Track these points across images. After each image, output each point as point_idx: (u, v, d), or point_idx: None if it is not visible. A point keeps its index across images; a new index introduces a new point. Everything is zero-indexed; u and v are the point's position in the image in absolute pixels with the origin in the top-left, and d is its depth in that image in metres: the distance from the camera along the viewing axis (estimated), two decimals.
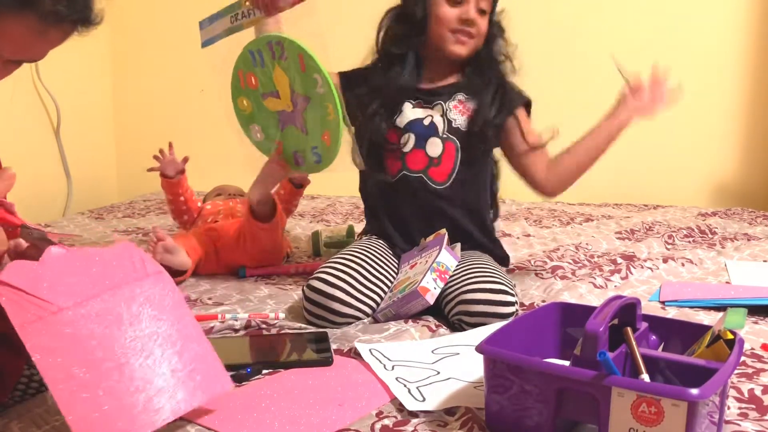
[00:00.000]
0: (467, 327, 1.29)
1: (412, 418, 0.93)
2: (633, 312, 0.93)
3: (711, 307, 1.41)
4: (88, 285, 0.82)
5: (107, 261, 0.85)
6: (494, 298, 1.29)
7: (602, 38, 2.70)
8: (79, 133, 2.87)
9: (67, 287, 0.80)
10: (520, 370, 0.85)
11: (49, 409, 0.94)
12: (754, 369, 1.09)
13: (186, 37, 3.07)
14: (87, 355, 0.77)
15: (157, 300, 0.86)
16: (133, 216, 2.48)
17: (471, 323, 1.29)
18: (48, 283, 0.78)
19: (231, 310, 1.37)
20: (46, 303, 0.77)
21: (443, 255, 1.35)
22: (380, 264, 1.44)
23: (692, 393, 0.74)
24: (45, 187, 2.67)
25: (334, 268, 1.36)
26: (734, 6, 2.71)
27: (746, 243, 1.98)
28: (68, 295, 0.79)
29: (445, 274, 1.33)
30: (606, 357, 0.78)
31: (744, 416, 0.94)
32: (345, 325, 1.31)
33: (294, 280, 1.65)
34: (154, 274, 0.88)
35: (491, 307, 1.28)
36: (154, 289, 0.87)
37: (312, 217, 2.41)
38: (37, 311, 0.76)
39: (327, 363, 1.11)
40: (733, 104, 2.77)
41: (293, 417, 0.93)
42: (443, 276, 1.33)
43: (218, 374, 0.89)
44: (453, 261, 1.36)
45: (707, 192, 2.80)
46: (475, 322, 1.28)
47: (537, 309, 1.08)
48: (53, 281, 0.79)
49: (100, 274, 0.83)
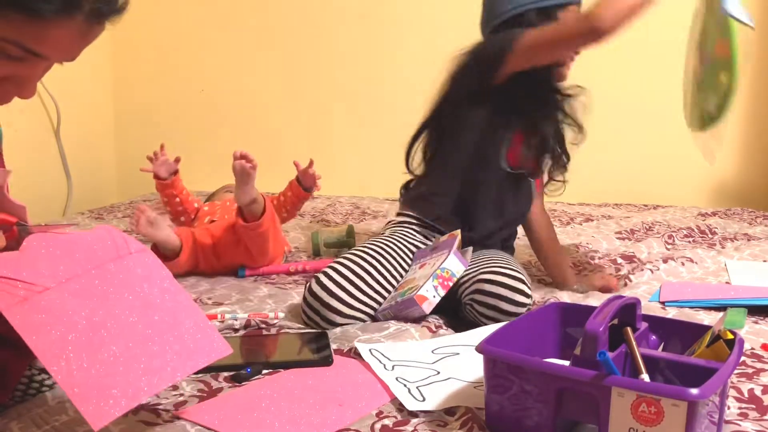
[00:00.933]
0: (477, 314, 1.30)
1: (412, 418, 0.93)
2: (633, 312, 0.93)
3: (711, 307, 1.41)
4: (71, 266, 0.81)
5: (89, 243, 0.84)
6: (512, 284, 1.29)
7: None
8: (79, 133, 2.87)
9: (50, 269, 0.80)
10: (520, 370, 0.85)
11: (49, 409, 0.94)
12: (754, 369, 1.09)
13: (186, 37, 3.09)
14: (77, 330, 0.77)
15: (144, 274, 0.85)
16: (133, 216, 2.48)
17: (484, 306, 1.29)
18: (31, 268, 0.78)
19: (231, 311, 1.37)
20: (30, 285, 0.77)
21: (450, 260, 1.33)
22: (390, 263, 1.44)
23: (692, 393, 0.74)
24: (45, 187, 2.67)
25: (335, 270, 1.35)
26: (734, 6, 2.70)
27: (746, 243, 1.98)
28: (52, 276, 0.79)
29: (449, 281, 1.31)
30: (606, 357, 0.78)
31: (744, 416, 0.94)
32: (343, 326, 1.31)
33: (294, 279, 1.66)
34: (138, 251, 0.88)
35: (508, 292, 1.28)
36: (138, 264, 0.86)
37: (312, 217, 2.41)
38: (23, 293, 0.76)
39: (327, 363, 1.11)
40: (733, 104, 2.76)
41: (293, 417, 0.93)
42: (446, 283, 1.31)
43: (214, 339, 0.86)
44: (460, 267, 1.34)
45: (707, 192, 2.80)
46: (489, 303, 1.28)
47: (537, 309, 1.08)
48: (36, 265, 0.79)
49: (83, 256, 0.83)
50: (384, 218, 2.38)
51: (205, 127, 3.07)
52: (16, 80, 0.79)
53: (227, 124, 3.08)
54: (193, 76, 3.07)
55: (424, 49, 2.85)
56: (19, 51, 0.75)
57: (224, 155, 2.76)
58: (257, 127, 3.04)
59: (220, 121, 3.08)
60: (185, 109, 3.08)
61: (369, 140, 2.95)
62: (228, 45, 3.05)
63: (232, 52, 3.05)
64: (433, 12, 2.83)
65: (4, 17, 0.72)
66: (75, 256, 0.83)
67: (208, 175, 2.57)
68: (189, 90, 3.07)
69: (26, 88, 0.80)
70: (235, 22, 3.02)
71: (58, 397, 0.97)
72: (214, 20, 3.04)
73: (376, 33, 2.91)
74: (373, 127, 2.94)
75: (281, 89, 3.01)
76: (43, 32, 0.74)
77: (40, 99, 2.66)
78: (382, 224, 2.28)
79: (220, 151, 3.06)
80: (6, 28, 0.73)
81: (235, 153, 1.58)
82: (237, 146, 1.66)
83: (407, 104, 2.81)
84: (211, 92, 3.08)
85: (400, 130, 1.66)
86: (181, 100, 3.08)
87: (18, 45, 0.74)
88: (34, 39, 0.75)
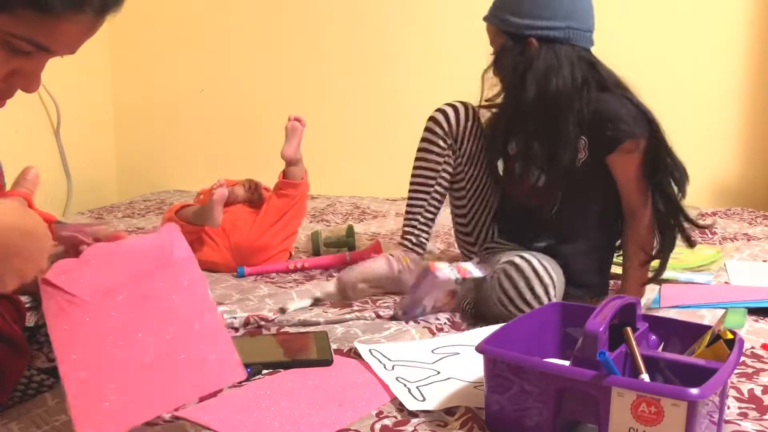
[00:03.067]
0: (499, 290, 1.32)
1: (412, 418, 0.93)
2: (633, 312, 0.93)
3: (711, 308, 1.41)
4: (117, 276, 0.83)
5: (141, 250, 0.86)
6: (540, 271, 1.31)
7: (603, 38, 2.69)
8: (79, 133, 2.87)
9: (97, 280, 0.81)
10: (520, 370, 0.85)
11: (49, 410, 0.94)
12: (754, 369, 1.09)
13: (186, 37, 3.09)
14: (103, 347, 0.78)
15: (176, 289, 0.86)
16: (133, 216, 2.48)
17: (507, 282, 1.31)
18: (83, 278, 0.80)
19: (230, 310, 1.37)
20: (72, 296, 0.78)
21: (469, 264, 1.37)
22: None
23: (692, 393, 0.74)
24: (45, 187, 2.63)
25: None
26: (734, 6, 2.71)
27: (746, 243, 1.98)
28: (95, 287, 0.80)
29: (465, 273, 1.34)
30: (606, 357, 0.78)
31: (744, 416, 0.94)
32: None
33: (294, 279, 1.66)
34: (180, 261, 0.88)
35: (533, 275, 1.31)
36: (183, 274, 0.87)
37: (312, 217, 2.41)
38: (64, 304, 0.77)
39: (327, 363, 1.11)
40: (733, 104, 2.77)
41: (293, 417, 0.93)
42: (462, 271, 1.34)
43: (231, 365, 0.87)
44: (477, 271, 1.36)
45: (707, 192, 2.80)
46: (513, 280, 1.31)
47: (537, 309, 1.08)
48: (87, 275, 0.81)
49: (131, 264, 0.84)
50: (384, 218, 2.38)
51: (205, 127, 3.07)
52: (23, 74, 0.79)
53: (227, 124, 3.08)
54: (192, 76, 3.07)
55: (425, 50, 2.85)
56: (30, 46, 0.75)
57: (223, 155, 2.77)
58: (257, 127, 3.04)
59: (220, 121, 3.08)
60: (185, 108, 3.08)
61: (370, 140, 2.95)
62: (228, 45, 3.05)
63: (232, 52, 3.05)
64: (434, 12, 2.83)
65: (16, 14, 0.72)
66: (125, 266, 0.84)
67: (207, 174, 2.56)
68: (189, 90, 3.07)
69: (32, 82, 0.80)
70: (235, 22, 3.02)
71: (58, 398, 0.97)
72: (214, 20, 3.04)
73: (377, 33, 2.90)
74: (373, 127, 2.94)
75: (281, 89, 3.01)
76: (54, 28, 0.75)
77: (40, 99, 2.66)
78: (382, 224, 2.28)
79: (220, 151, 3.07)
80: (18, 25, 0.73)
81: (290, 116, 1.81)
82: (236, 146, 1.67)
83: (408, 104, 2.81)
84: (211, 92, 3.08)
85: (400, 130, 1.66)
86: (180, 100, 3.08)
87: (29, 41, 0.74)
88: (45, 34, 0.75)
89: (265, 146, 3.09)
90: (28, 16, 0.73)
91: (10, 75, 0.78)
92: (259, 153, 3.12)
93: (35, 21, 0.73)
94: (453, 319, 1.35)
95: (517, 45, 1.41)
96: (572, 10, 1.39)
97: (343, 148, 2.97)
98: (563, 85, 1.37)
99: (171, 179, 3.10)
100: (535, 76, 1.38)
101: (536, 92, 1.38)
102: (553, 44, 1.38)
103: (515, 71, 1.41)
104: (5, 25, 0.73)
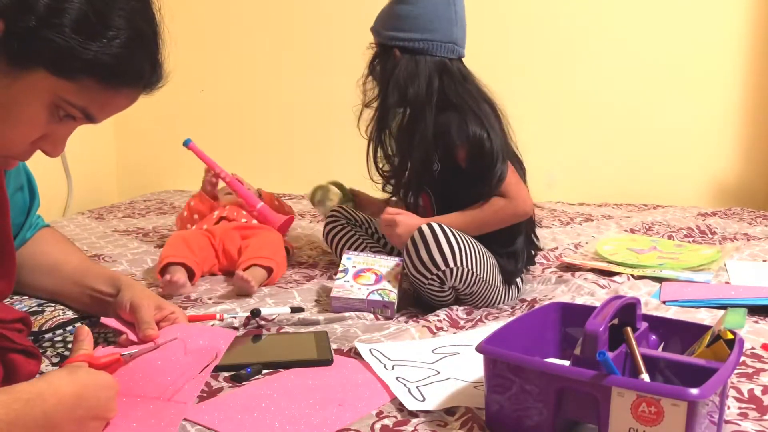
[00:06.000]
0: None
1: (412, 418, 0.93)
2: (633, 312, 0.93)
3: (711, 306, 1.41)
4: (180, 377, 0.96)
5: (207, 351, 1.03)
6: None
7: (603, 38, 2.70)
8: (79, 133, 2.85)
9: (164, 380, 0.95)
10: (520, 370, 0.85)
11: None
12: (754, 369, 1.09)
13: (185, 37, 3.08)
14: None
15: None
16: (133, 216, 2.48)
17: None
18: (150, 375, 0.95)
19: (230, 309, 1.37)
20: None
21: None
22: None
23: (692, 393, 0.74)
24: (45, 187, 2.64)
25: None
26: (734, 7, 2.71)
27: (746, 243, 1.98)
28: (159, 387, 0.93)
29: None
30: (606, 357, 0.78)
31: (744, 416, 0.94)
32: None
33: (294, 278, 1.66)
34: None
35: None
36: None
37: (312, 217, 2.42)
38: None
39: (327, 363, 1.11)
40: (733, 104, 2.77)
41: (293, 417, 0.93)
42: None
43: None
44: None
45: (707, 192, 2.80)
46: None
47: (537, 309, 1.08)
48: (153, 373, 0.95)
49: (194, 364, 0.99)
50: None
51: (205, 127, 3.07)
52: (53, 138, 0.80)
53: (227, 124, 3.08)
54: (193, 76, 3.07)
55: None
56: (80, 113, 0.76)
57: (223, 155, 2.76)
58: (257, 127, 3.04)
59: (220, 121, 3.08)
60: (185, 108, 3.08)
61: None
62: (228, 45, 3.05)
63: (231, 52, 3.05)
64: None
65: (78, 82, 0.74)
66: (191, 365, 0.97)
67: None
68: (189, 90, 3.07)
69: (59, 146, 0.82)
70: (235, 21, 3.02)
71: None
72: (213, 20, 3.04)
73: None
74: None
75: (281, 89, 3.01)
76: (110, 99, 0.77)
77: None
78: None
79: (220, 151, 3.07)
80: (76, 93, 0.75)
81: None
82: (236, 146, 1.67)
83: None
84: (211, 92, 3.08)
85: None
86: (181, 100, 3.08)
87: (82, 109, 0.76)
88: (98, 105, 0.77)
89: (266, 146, 3.10)
90: (90, 86, 0.74)
91: (42, 138, 0.79)
92: (260, 153, 3.12)
93: (95, 92, 0.75)
94: (451, 316, 1.35)
95: (385, 54, 1.54)
96: (432, 23, 1.49)
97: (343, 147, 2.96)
98: (418, 93, 1.48)
99: (171, 179, 3.11)
100: (396, 84, 1.50)
101: (398, 98, 1.51)
102: (414, 55, 1.49)
103: (383, 79, 1.55)
104: (64, 90, 0.75)
